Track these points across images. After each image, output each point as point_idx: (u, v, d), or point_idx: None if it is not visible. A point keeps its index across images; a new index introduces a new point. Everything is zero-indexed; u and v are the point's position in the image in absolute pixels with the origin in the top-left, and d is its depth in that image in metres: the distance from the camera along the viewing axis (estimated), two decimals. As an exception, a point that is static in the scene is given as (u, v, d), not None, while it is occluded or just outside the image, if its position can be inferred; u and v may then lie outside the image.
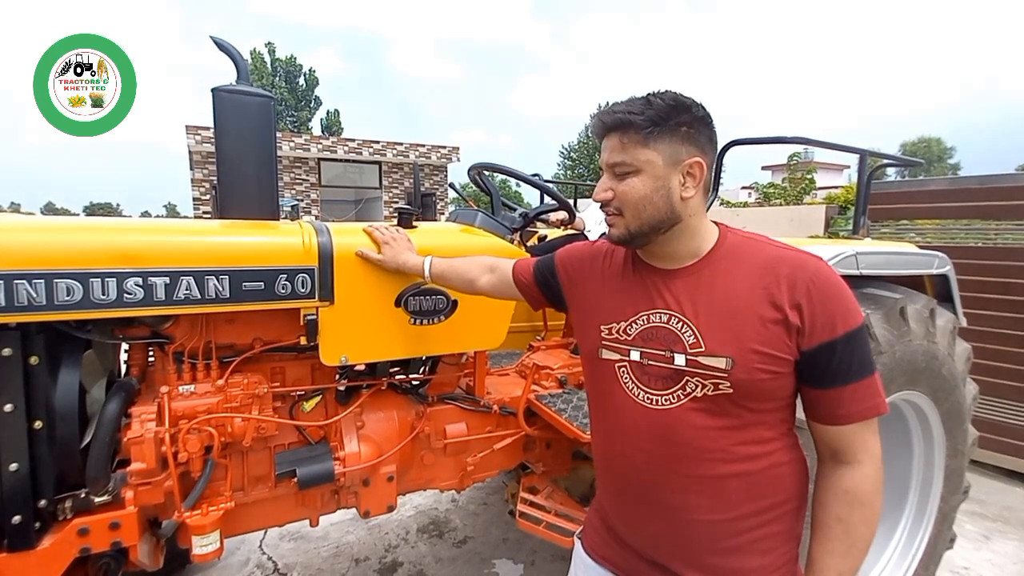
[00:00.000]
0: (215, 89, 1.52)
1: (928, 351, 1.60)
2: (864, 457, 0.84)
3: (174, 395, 1.34)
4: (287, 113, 31.90)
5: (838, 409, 0.84)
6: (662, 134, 0.85)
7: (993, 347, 3.29)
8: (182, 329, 1.39)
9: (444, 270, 1.39)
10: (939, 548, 1.88)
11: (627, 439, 0.92)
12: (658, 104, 0.85)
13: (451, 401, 1.80)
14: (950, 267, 1.82)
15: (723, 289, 0.86)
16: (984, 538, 2.71)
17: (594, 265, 1.05)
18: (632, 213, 0.88)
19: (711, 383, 0.83)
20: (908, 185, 4.09)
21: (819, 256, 0.87)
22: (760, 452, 0.86)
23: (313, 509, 1.62)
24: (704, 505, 0.86)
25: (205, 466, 1.37)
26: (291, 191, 13.09)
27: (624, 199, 0.88)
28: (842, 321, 0.81)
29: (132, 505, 1.28)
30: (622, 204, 0.88)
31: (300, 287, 1.37)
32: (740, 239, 0.92)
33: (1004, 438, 3.29)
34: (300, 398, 1.57)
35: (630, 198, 0.87)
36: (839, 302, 0.82)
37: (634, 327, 0.92)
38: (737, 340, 0.82)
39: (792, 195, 9.15)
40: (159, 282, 1.22)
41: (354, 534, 2.58)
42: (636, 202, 0.87)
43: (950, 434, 1.78)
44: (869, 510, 0.84)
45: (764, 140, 1.68)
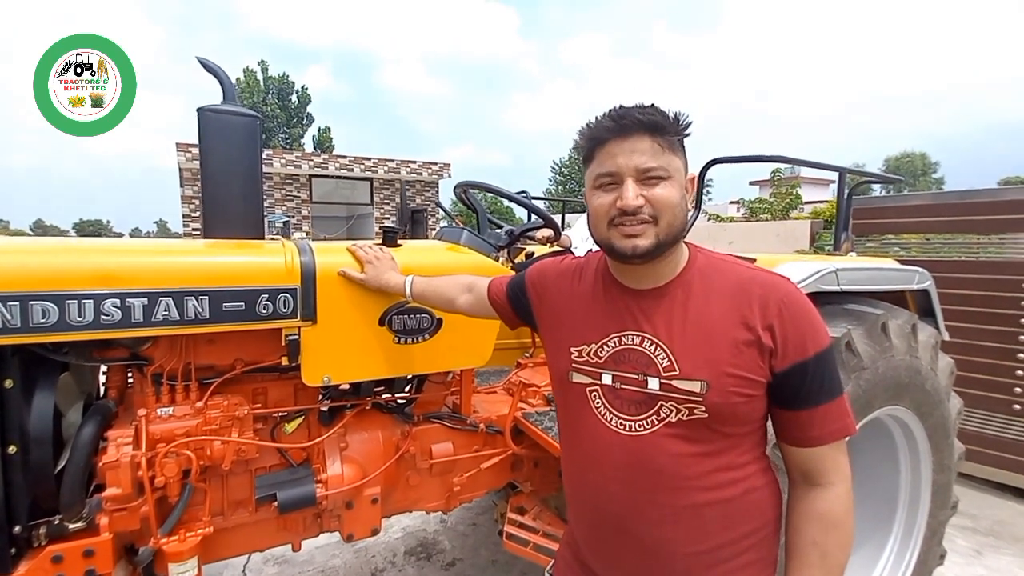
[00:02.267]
0: (201, 109, 1.52)
1: (911, 366, 1.61)
2: (836, 478, 0.84)
3: (152, 418, 1.32)
4: (279, 130, 32.04)
5: (809, 431, 0.83)
6: (681, 144, 0.85)
7: (979, 360, 3.32)
8: (161, 350, 1.37)
9: (424, 290, 1.39)
10: (929, 564, 1.87)
11: (600, 468, 0.89)
12: (668, 114, 0.84)
13: (437, 420, 1.78)
14: (930, 282, 1.84)
15: (696, 311, 0.85)
16: (976, 553, 2.70)
17: (563, 283, 1.03)
18: (668, 220, 0.82)
19: (686, 407, 0.82)
20: (892, 200, 4.15)
21: (787, 277, 0.87)
22: (736, 478, 0.85)
23: (295, 533, 1.59)
24: (681, 536, 0.84)
25: (183, 491, 1.34)
26: (282, 207, 13.08)
27: (661, 205, 0.82)
28: (812, 342, 0.81)
29: (107, 532, 1.25)
30: (658, 211, 0.82)
31: (282, 307, 1.36)
32: (711, 260, 0.91)
33: (993, 451, 3.30)
34: (282, 419, 1.55)
35: (668, 204, 0.82)
36: (809, 323, 0.83)
37: (605, 349, 0.90)
38: (712, 363, 0.81)
39: (778, 210, 9.27)
40: (137, 303, 1.21)
41: (340, 558, 2.52)
42: (675, 209, 0.82)
43: (936, 449, 1.79)
44: (843, 532, 0.84)
45: (745, 159, 1.70)
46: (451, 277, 1.39)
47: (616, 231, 0.85)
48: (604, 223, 0.86)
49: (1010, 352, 3.24)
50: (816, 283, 1.45)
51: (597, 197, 0.87)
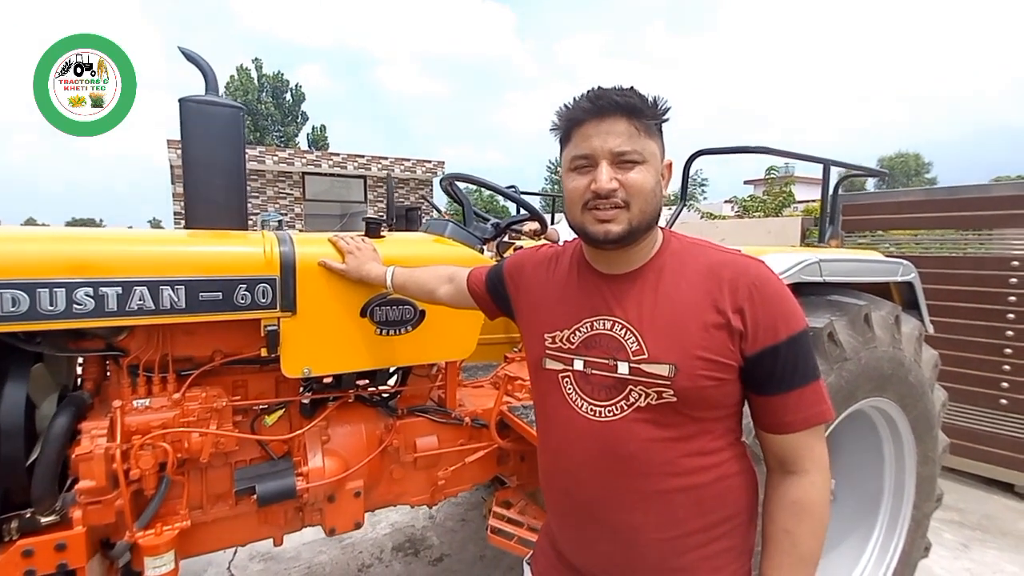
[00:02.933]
0: (182, 99, 1.50)
1: (894, 357, 1.61)
2: (811, 466, 0.83)
3: (127, 409, 1.30)
4: (274, 128, 31.85)
5: (783, 417, 0.82)
6: (657, 128, 0.83)
7: (967, 355, 3.34)
8: (137, 341, 1.35)
9: (405, 281, 1.37)
10: (913, 556, 1.88)
11: (571, 454, 0.89)
12: (648, 98, 0.82)
13: (421, 413, 1.77)
14: (915, 274, 1.84)
15: (667, 294, 0.84)
16: (963, 547, 2.71)
17: (539, 272, 1.02)
18: (640, 206, 0.81)
19: (655, 391, 0.81)
20: (882, 196, 4.17)
21: (760, 260, 0.86)
22: (707, 464, 0.84)
23: (277, 527, 1.57)
24: (651, 523, 0.83)
25: (160, 484, 1.33)
26: (274, 205, 13.02)
27: (635, 190, 0.81)
28: (784, 325, 0.80)
29: (80, 525, 1.23)
30: (631, 196, 0.81)
31: (260, 297, 1.34)
32: (683, 244, 0.90)
33: (981, 446, 3.32)
34: (262, 412, 1.53)
35: (643, 189, 0.81)
36: (781, 306, 0.81)
37: (577, 335, 0.89)
38: (680, 346, 0.81)
39: (772, 208, 9.30)
40: (111, 292, 1.19)
41: (327, 554, 2.51)
42: (647, 194, 0.81)
43: (920, 441, 1.79)
44: (816, 521, 0.82)
45: (729, 150, 1.70)
46: (432, 268, 1.38)
47: (589, 215, 0.84)
48: (578, 206, 0.85)
49: (997, 347, 3.26)
50: (799, 274, 1.45)
51: (572, 180, 0.85)
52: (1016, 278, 3.17)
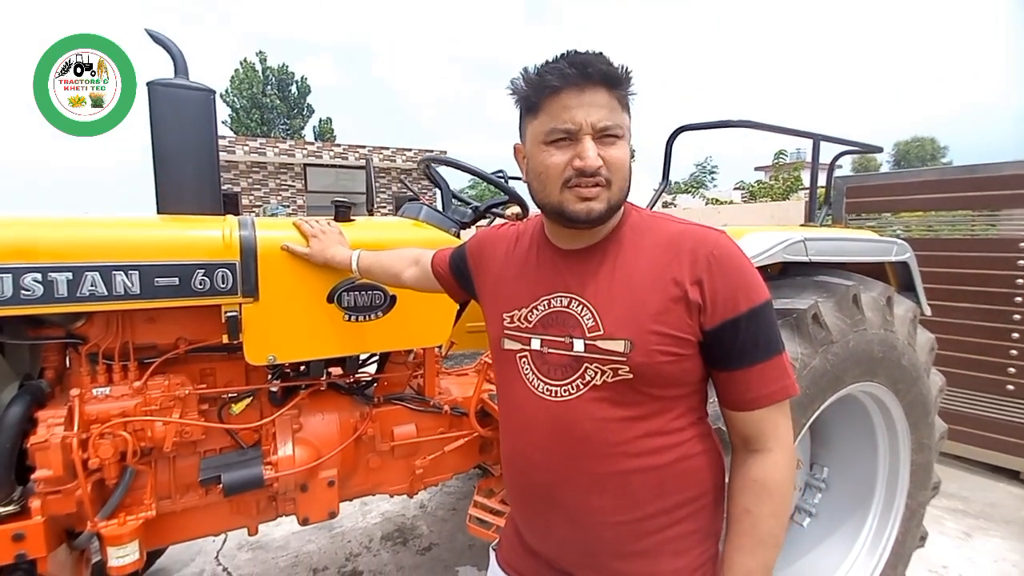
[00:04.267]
0: (150, 83, 1.45)
1: (885, 340, 1.54)
2: (774, 444, 0.80)
3: (86, 398, 1.27)
4: (279, 121, 31.84)
5: (746, 393, 0.79)
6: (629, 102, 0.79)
7: (973, 340, 3.24)
8: (96, 328, 1.32)
9: (371, 264, 1.33)
10: (908, 546, 1.82)
11: (527, 436, 0.86)
12: (623, 68, 0.76)
13: (399, 402, 1.73)
14: (910, 254, 1.76)
15: (624, 268, 0.81)
16: (965, 535, 2.64)
17: (500, 249, 0.98)
18: (620, 184, 0.78)
19: (610, 368, 0.77)
20: (887, 178, 4.04)
21: (722, 231, 0.82)
22: (667, 444, 0.80)
23: (249, 517, 1.55)
24: (608, 505, 0.80)
25: (123, 473, 1.30)
26: (276, 197, 13.03)
27: (616, 167, 0.77)
28: (745, 297, 0.76)
29: (39, 515, 1.21)
30: (612, 173, 0.77)
31: (220, 283, 1.30)
32: (643, 217, 0.86)
33: (986, 432, 3.24)
34: (230, 400, 1.50)
35: (624, 166, 0.77)
36: (741, 277, 0.77)
37: (535, 313, 0.86)
38: (636, 321, 0.77)
39: (779, 193, 9.14)
40: (60, 278, 1.16)
41: (315, 543, 2.50)
42: (627, 172, 0.78)
43: (915, 427, 1.72)
44: (778, 501, 0.79)
45: (711, 125, 1.62)
46: (398, 251, 1.34)
47: (570, 193, 0.78)
48: (557, 184, 0.78)
49: (1004, 332, 3.16)
50: (782, 253, 1.38)
51: (549, 155, 0.78)
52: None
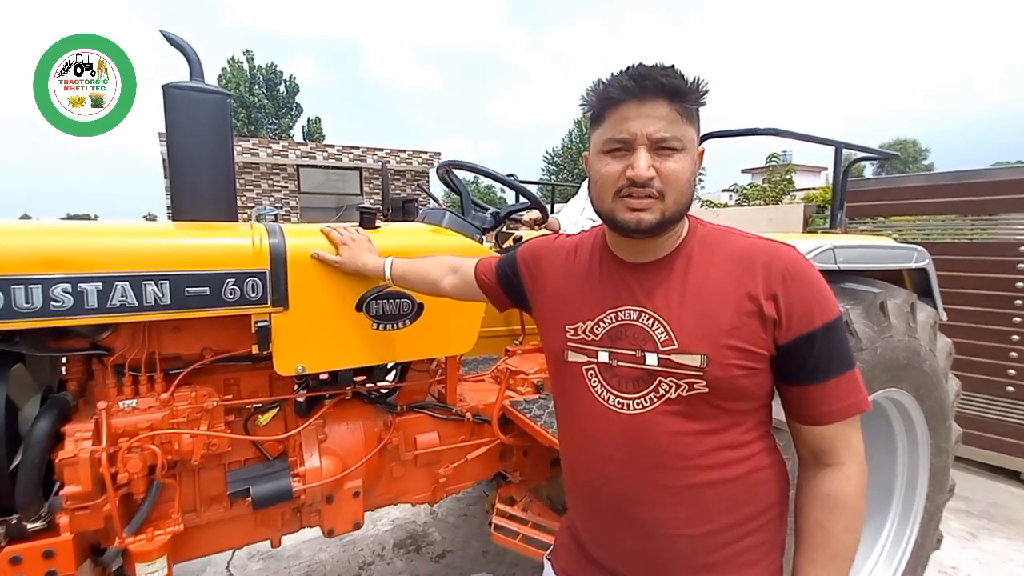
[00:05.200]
0: (166, 86, 1.43)
1: (910, 347, 1.56)
2: (847, 458, 0.80)
3: (113, 411, 1.24)
4: (268, 121, 31.57)
5: (819, 407, 0.79)
6: (696, 113, 0.79)
7: (972, 342, 3.29)
8: (122, 339, 1.29)
9: (406, 271, 1.31)
10: (926, 549, 1.84)
11: (597, 448, 0.85)
12: (691, 80, 0.77)
13: (421, 410, 1.72)
14: (929, 261, 1.79)
15: (695, 282, 0.80)
16: (971, 536, 2.68)
17: (557, 261, 0.98)
18: (675, 197, 0.77)
19: (686, 383, 0.77)
20: (885, 182, 4.10)
21: (792, 245, 0.82)
22: (739, 457, 0.80)
23: (274, 529, 1.52)
24: (682, 518, 0.80)
25: (150, 487, 1.27)
26: (269, 198, 12.90)
27: (671, 180, 0.76)
28: (819, 312, 0.76)
29: (68, 531, 1.18)
30: (667, 185, 0.76)
31: (250, 292, 1.28)
32: (711, 230, 0.86)
33: (986, 434, 3.29)
34: (255, 411, 1.48)
35: (680, 179, 0.77)
36: (816, 292, 0.77)
37: (601, 326, 0.85)
38: (711, 336, 0.77)
39: (771, 195, 9.24)
40: (90, 288, 1.13)
41: (327, 552, 2.47)
42: (683, 184, 0.77)
43: (934, 432, 1.75)
44: (852, 515, 0.79)
45: (738, 132, 1.63)
46: (433, 258, 1.32)
47: (621, 203, 0.79)
48: (610, 193, 0.80)
49: (1004, 334, 3.22)
50: (813, 260, 1.38)
51: (605, 163, 0.80)
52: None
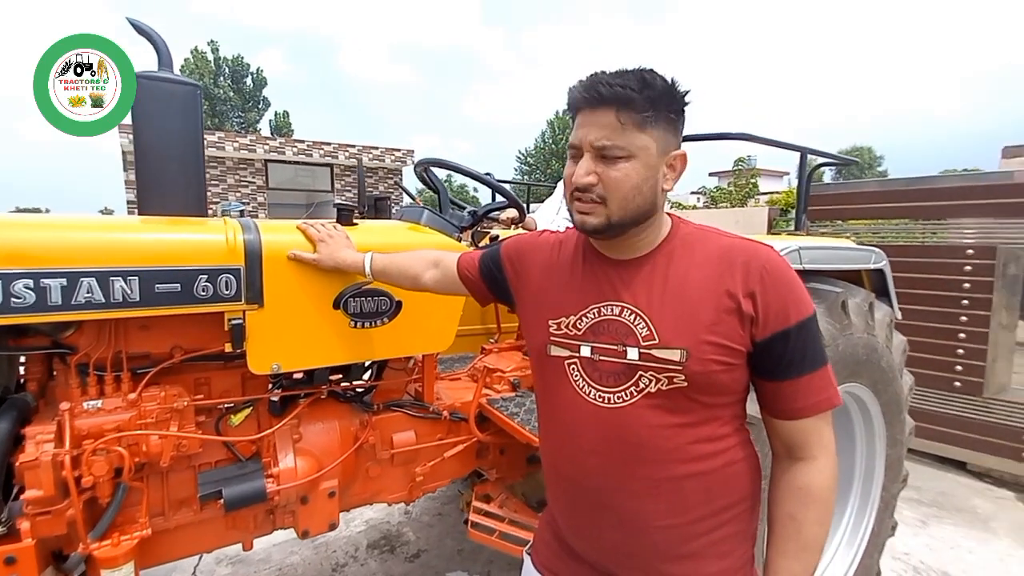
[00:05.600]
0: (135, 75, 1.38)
1: (868, 344, 1.64)
2: (819, 452, 0.83)
3: (77, 412, 1.19)
4: (233, 114, 30.65)
5: (793, 403, 0.82)
6: (658, 119, 0.78)
7: (921, 340, 3.47)
8: (87, 337, 1.24)
9: (386, 266, 1.31)
10: (883, 536, 1.94)
11: (577, 442, 0.87)
12: (656, 85, 0.77)
13: (398, 408, 1.71)
14: (886, 262, 1.88)
15: (676, 279, 0.83)
16: (921, 523, 2.83)
17: (541, 256, 0.99)
18: (619, 203, 0.80)
19: (665, 377, 0.80)
20: (843, 187, 4.30)
21: (770, 246, 0.85)
22: (715, 450, 0.83)
23: (246, 532, 1.49)
24: (661, 509, 0.82)
25: (116, 490, 1.23)
26: (235, 194, 12.53)
27: (613, 187, 0.79)
28: (795, 310, 0.79)
29: (29, 537, 1.13)
30: (608, 192, 0.80)
31: (224, 289, 1.25)
32: (692, 229, 0.89)
33: (934, 426, 3.48)
34: (227, 411, 1.44)
35: (621, 186, 0.79)
36: (792, 291, 0.80)
37: (584, 321, 0.87)
38: (691, 331, 0.79)
39: (737, 199, 9.52)
40: (54, 284, 1.08)
41: (299, 554, 2.42)
42: (627, 191, 0.79)
43: (890, 424, 1.84)
44: (823, 507, 0.82)
45: (710, 136, 1.69)
46: (414, 253, 1.32)
47: (575, 204, 0.84)
48: (569, 194, 0.85)
49: (952, 332, 3.41)
50: (780, 261, 1.44)
51: (567, 166, 0.86)
52: (971, 266, 3.32)
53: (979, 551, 2.59)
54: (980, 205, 3.40)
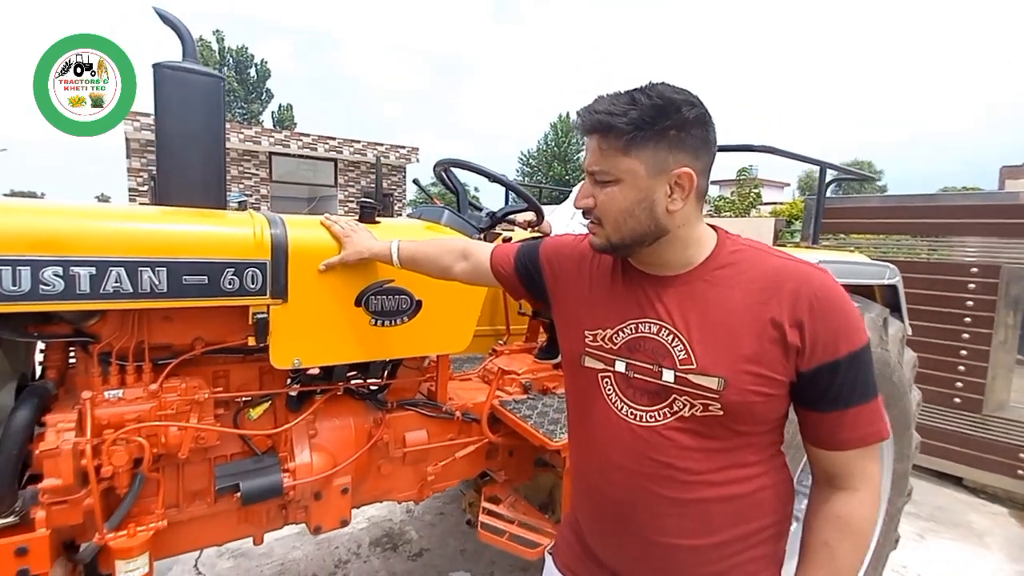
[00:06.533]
0: (157, 65, 1.38)
1: (881, 358, 1.65)
2: (861, 484, 0.80)
3: (98, 401, 1.19)
4: (237, 105, 30.60)
5: (837, 434, 0.79)
6: (646, 140, 0.76)
7: (924, 355, 3.48)
8: (110, 327, 1.23)
9: (415, 254, 1.30)
10: (886, 549, 1.95)
11: (606, 455, 0.87)
12: (644, 104, 0.75)
13: (411, 407, 1.71)
14: (899, 278, 1.90)
15: (719, 302, 0.80)
16: (920, 537, 2.85)
17: (582, 264, 0.98)
18: (612, 226, 0.82)
19: (700, 403, 0.78)
20: (849, 201, 4.33)
21: (824, 269, 0.81)
22: (747, 475, 0.81)
23: (258, 526, 1.49)
24: (687, 529, 0.81)
25: (133, 481, 1.23)
26: (239, 185, 12.48)
27: (603, 211, 0.82)
28: (846, 341, 0.75)
29: (44, 527, 1.12)
30: (601, 214, 0.82)
31: (249, 283, 1.25)
32: (740, 247, 0.85)
33: (934, 441, 3.50)
34: (246, 404, 1.44)
35: (610, 210, 0.81)
36: (844, 320, 0.76)
37: (620, 336, 0.86)
38: (730, 359, 0.77)
39: (740, 208, 9.57)
40: (83, 273, 1.08)
41: (301, 550, 2.42)
42: (616, 215, 0.80)
43: (897, 439, 1.85)
44: (860, 539, 0.80)
45: (733, 148, 1.69)
46: (441, 242, 1.31)
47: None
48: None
49: (954, 349, 3.43)
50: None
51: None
52: (974, 284, 3.34)
53: (974, 565, 2.62)
54: (986, 224, 3.42)
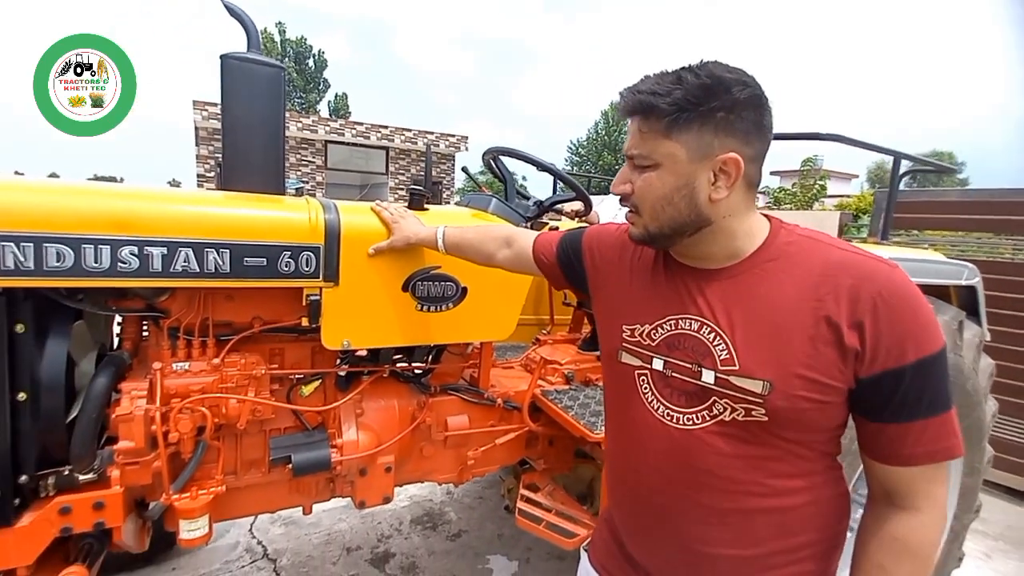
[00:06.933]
0: (224, 56, 1.45)
1: (955, 364, 1.53)
2: (924, 505, 0.71)
3: (167, 372, 1.28)
4: (295, 94, 31.73)
5: (900, 448, 0.70)
6: (690, 122, 0.70)
7: (1000, 363, 3.21)
8: (179, 303, 1.32)
9: (459, 241, 1.31)
10: (949, 567, 1.84)
11: (643, 456, 0.82)
12: (690, 83, 0.69)
13: (454, 392, 1.74)
14: (979, 279, 1.75)
15: (767, 298, 0.73)
16: (986, 556, 2.66)
17: (623, 255, 0.94)
18: (649, 214, 0.76)
19: (742, 407, 0.71)
20: (923, 195, 4.01)
21: (895, 264, 0.71)
22: (797, 487, 0.74)
23: (307, 496, 1.57)
24: (727, 538, 0.76)
25: (196, 448, 1.32)
26: (296, 172, 12.99)
27: (640, 197, 0.76)
28: (915, 346, 0.66)
29: (118, 485, 1.22)
30: (638, 201, 0.77)
31: (304, 266, 1.30)
32: (795, 238, 0.76)
33: (1009, 456, 3.24)
34: (299, 382, 1.51)
35: (647, 197, 0.76)
36: (914, 322, 0.67)
37: (659, 332, 0.81)
38: (778, 361, 0.70)
39: (803, 201, 9.07)
40: (156, 252, 1.16)
41: (347, 522, 2.53)
42: (653, 202, 0.75)
43: (969, 452, 1.72)
44: (920, 565, 0.71)
45: (799, 136, 1.60)
46: (486, 228, 1.32)
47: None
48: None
49: (1033, 357, 3.15)
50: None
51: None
52: (1066, 287, 3.04)
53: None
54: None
